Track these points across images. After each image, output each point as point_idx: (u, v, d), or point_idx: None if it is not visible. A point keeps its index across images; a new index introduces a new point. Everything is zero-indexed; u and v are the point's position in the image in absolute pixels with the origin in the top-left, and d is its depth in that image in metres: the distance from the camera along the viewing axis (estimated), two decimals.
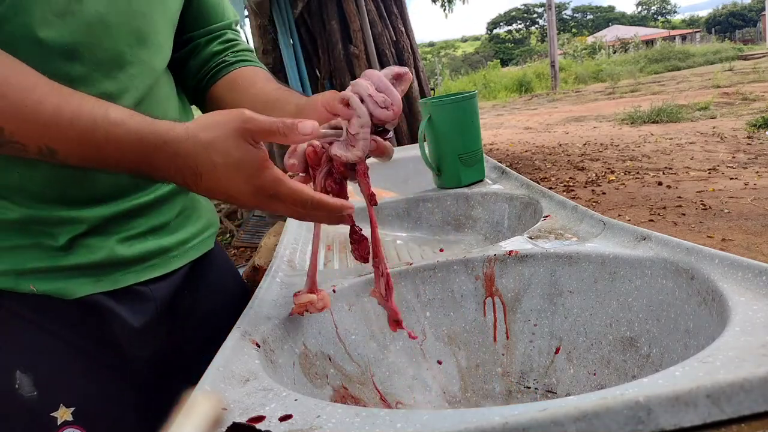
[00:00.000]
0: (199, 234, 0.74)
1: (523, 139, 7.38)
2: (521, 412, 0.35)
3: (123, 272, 0.64)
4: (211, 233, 0.77)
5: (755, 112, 6.79)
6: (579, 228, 0.78)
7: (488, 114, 11.17)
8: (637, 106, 7.90)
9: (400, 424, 0.38)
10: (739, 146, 5.26)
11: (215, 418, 0.40)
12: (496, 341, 0.73)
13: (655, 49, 20.47)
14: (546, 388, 0.68)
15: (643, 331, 0.62)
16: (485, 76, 18.02)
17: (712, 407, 0.35)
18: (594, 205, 3.91)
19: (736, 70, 12.98)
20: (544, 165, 5.54)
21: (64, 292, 0.60)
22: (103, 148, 0.49)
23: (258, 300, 0.67)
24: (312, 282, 0.61)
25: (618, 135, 6.73)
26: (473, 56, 44.23)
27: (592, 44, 25.92)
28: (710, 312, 0.52)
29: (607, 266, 0.66)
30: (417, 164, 1.15)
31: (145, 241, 0.66)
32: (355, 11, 3.98)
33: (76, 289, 0.60)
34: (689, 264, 0.57)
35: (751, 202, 3.56)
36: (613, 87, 13.01)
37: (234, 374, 0.49)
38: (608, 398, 0.35)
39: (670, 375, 0.38)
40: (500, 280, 0.74)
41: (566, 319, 0.70)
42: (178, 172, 0.50)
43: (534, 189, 1.00)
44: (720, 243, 2.93)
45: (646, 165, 4.98)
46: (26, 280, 0.58)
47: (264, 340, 0.58)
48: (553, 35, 14.79)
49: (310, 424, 0.40)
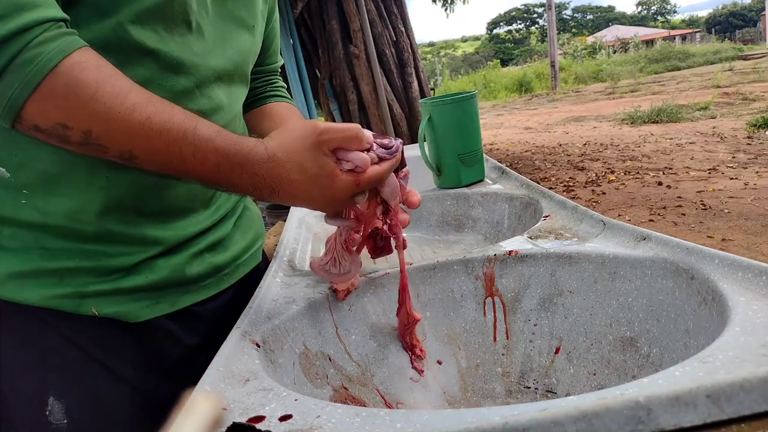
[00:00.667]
0: (249, 248, 0.74)
1: (523, 139, 7.38)
2: (521, 412, 0.35)
3: (181, 293, 0.63)
4: (259, 246, 0.77)
5: (755, 112, 6.79)
6: (579, 228, 0.78)
7: (488, 114, 11.17)
8: (637, 106, 7.90)
9: (400, 424, 0.38)
10: (739, 146, 5.26)
11: (215, 418, 0.40)
12: (496, 341, 0.73)
13: (655, 49, 20.46)
14: (546, 388, 0.68)
15: (643, 331, 0.62)
16: (485, 76, 18.03)
17: (712, 407, 0.35)
18: (594, 205, 3.91)
19: (736, 70, 12.98)
20: (544, 165, 5.54)
21: (126, 315, 0.59)
22: (188, 161, 0.49)
23: (258, 300, 0.67)
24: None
25: (618, 135, 6.73)
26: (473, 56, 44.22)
27: (592, 44, 25.92)
28: (710, 312, 0.52)
29: (607, 266, 0.66)
30: (417, 164, 1.15)
31: (203, 259, 0.66)
32: (355, 11, 3.98)
33: (138, 312, 0.60)
34: (689, 264, 0.57)
35: (751, 202, 3.56)
36: (613, 87, 13.01)
37: (234, 374, 0.49)
38: (608, 398, 0.35)
39: (670, 375, 0.38)
40: (500, 280, 0.74)
41: (566, 319, 0.70)
42: (255, 189, 0.52)
43: (534, 189, 1.00)
44: (720, 243, 2.93)
45: (646, 165, 4.98)
46: (88, 303, 0.57)
47: (264, 340, 0.58)
48: (553, 35, 14.79)
49: (310, 424, 0.40)
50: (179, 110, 0.50)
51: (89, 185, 0.56)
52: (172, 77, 0.57)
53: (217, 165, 0.50)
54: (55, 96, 0.46)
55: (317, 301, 0.68)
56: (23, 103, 0.45)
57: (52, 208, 0.56)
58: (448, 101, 1.12)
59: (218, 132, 0.50)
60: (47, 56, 0.45)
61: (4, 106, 0.45)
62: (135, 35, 0.53)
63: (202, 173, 0.50)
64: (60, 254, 0.57)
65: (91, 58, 0.48)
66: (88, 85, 0.46)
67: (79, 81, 0.46)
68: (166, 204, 0.62)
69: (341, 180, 0.52)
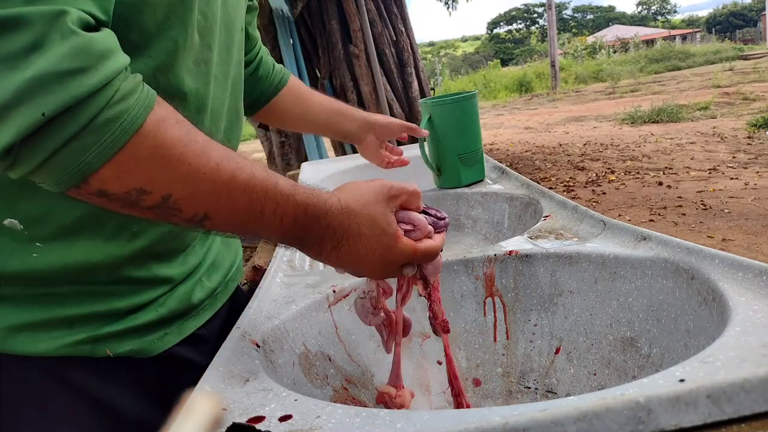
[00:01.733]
0: (233, 265, 0.73)
1: (523, 139, 7.38)
2: (521, 413, 0.35)
3: (184, 321, 0.62)
4: (240, 259, 0.77)
5: (755, 112, 6.79)
6: (579, 228, 0.78)
7: (488, 114, 11.16)
8: (637, 106, 7.90)
9: (400, 424, 0.38)
10: (740, 146, 5.26)
11: (215, 418, 0.40)
12: (496, 341, 0.73)
13: (656, 48, 20.45)
14: (546, 388, 0.68)
15: (644, 331, 0.62)
16: (485, 76, 18.02)
17: (712, 407, 0.34)
18: (594, 205, 3.91)
19: (737, 69, 12.97)
20: (545, 165, 5.54)
21: (139, 351, 0.57)
22: (267, 218, 0.46)
23: (258, 300, 0.67)
24: (396, 375, 0.60)
25: (618, 135, 6.73)
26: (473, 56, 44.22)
27: (592, 44, 25.90)
28: (710, 312, 0.52)
29: (607, 266, 0.66)
30: (417, 164, 1.15)
31: (202, 285, 0.65)
32: (355, 11, 3.98)
33: (150, 346, 0.58)
34: (689, 264, 0.57)
35: (751, 202, 3.55)
36: (614, 87, 13.00)
37: (234, 374, 0.49)
38: (608, 398, 0.35)
39: (671, 375, 0.38)
40: (500, 280, 0.74)
41: (566, 320, 0.70)
42: (317, 242, 0.50)
43: (534, 189, 1.00)
44: (720, 243, 2.92)
45: (646, 165, 4.98)
46: (102, 346, 0.55)
47: (264, 340, 0.58)
48: (553, 35, 14.79)
49: (310, 425, 0.40)
50: (257, 165, 0.47)
51: (115, 237, 0.54)
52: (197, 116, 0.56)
53: (295, 220, 0.47)
54: (137, 158, 0.39)
55: (317, 301, 0.68)
56: (99, 167, 0.38)
57: (67, 261, 0.52)
58: (448, 101, 1.12)
59: (295, 186, 0.48)
60: (133, 113, 0.39)
61: (73, 170, 0.38)
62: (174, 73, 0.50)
63: (277, 229, 0.47)
64: (70, 300, 0.54)
65: (169, 111, 0.42)
66: (174, 144, 0.41)
67: (165, 141, 0.40)
68: (177, 244, 0.61)
69: (403, 243, 0.52)
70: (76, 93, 0.36)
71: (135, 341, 0.57)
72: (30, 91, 0.35)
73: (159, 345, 0.59)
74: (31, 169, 0.38)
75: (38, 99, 0.35)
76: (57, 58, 0.35)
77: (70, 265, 0.52)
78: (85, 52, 0.36)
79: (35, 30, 0.35)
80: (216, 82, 0.58)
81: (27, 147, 0.36)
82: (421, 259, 0.54)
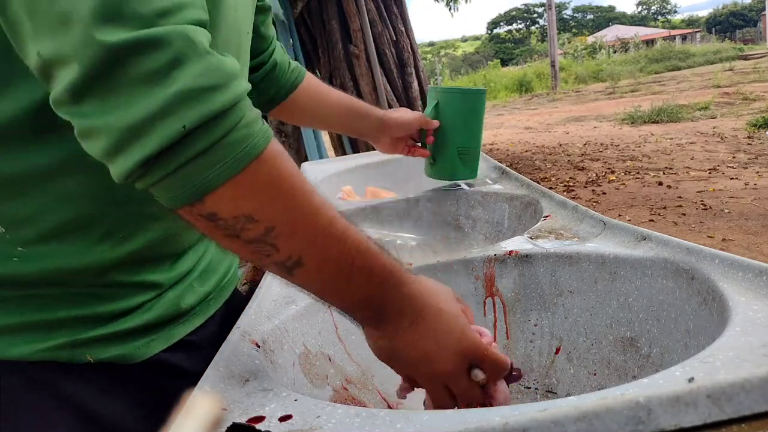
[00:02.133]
0: (229, 270, 0.73)
1: (523, 139, 7.38)
2: (521, 413, 0.35)
3: (172, 327, 0.61)
4: (236, 265, 0.76)
5: (755, 112, 6.79)
6: (579, 228, 0.78)
7: (488, 114, 11.11)
8: (637, 106, 7.90)
9: (400, 424, 0.38)
10: (740, 146, 5.26)
11: (215, 418, 0.40)
12: (496, 341, 0.73)
13: (656, 48, 20.47)
14: (546, 388, 0.68)
15: (644, 331, 0.62)
16: (485, 75, 18.04)
17: (712, 407, 0.34)
18: (594, 205, 3.91)
19: (737, 69, 12.98)
20: (545, 165, 5.54)
21: (123, 358, 0.56)
22: (356, 274, 0.45)
23: (258, 300, 0.67)
24: None
25: (618, 135, 6.73)
26: (473, 56, 44.23)
27: (592, 44, 25.92)
28: (710, 312, 0.52)
29: (607, 266, 0.66)
30: (417, 164, 1.15)
31: (193, 290, 0.64)
32: (355, 11, 3.98)
33: (135, 352, 0.57)
34: (689, 264, 0.57)
35: (751, 202, 3.56)
36: (614, 87, 13.01)
37: (234, 374, 0.49)
38: (608, 398, 0.35)
39: (671, 375, 0.38)
40: (500, 280, 0.74)
41: (566, 320, 0.70)
42: (396, 315, 0.48)
43: (534, 189, 1.00)
44: (720, 243, 2.92)
45: (646, 165, 4.98)
46: (83, 351, 0.54)
47: (264, 340, 0.58)
48: (553, 35, 14.80)
49: (310, 425, 0.40)
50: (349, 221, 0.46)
51: (103, 241, 0.53)
52: None
53: (382, 282, 0.46)
54: (255, 183, 0.40)
55: (317, 301, 0.68)
56: (219, 185, 0.39)
57: (52, 264, 0.52)
58: (457, 91, 1.10)
59: (380, 247, 0.48)
60: (256, 140, 0.40)
61: (195, 186, 0.38)
62: None
63: (363, 289, 0.46)
64: (50, 304, 0.53)
65: (282, 147, 0.43)
66: (287, 177, 0.42)
67: (281, 171, 0.41)
68: (169, 249, 0.60)
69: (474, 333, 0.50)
70: (213, 107, 0.37)
71: (119, 347, 0.56)
72: (174, 105, 0.36)
73: (145, 351, 0.58)
74: (156, 181, 0.38)
75: (180, 112, 0.36)
76: (195, 75, 0.37)
77: (53, 269, 0.52)
78: (219, 71, 0.38)
79: (175, 49, 0.36)
80: None
81: (161, 159, 0.37)
82: (490, 362, 0.49)
